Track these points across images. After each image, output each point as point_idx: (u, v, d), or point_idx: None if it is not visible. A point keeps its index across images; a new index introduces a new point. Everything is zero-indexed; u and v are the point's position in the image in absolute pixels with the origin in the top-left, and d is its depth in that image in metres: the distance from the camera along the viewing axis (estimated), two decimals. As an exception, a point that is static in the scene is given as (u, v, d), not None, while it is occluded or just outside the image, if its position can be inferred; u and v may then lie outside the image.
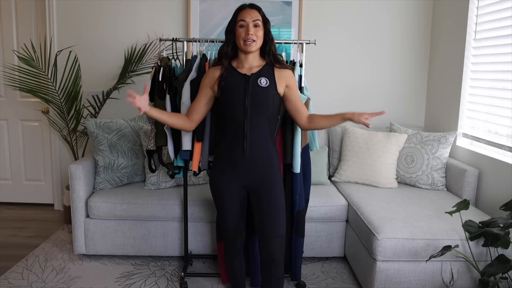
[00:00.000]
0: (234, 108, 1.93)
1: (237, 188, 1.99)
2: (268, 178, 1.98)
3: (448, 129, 3.18)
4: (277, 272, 2.01)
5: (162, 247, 2.79)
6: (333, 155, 3.33)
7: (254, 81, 1.93)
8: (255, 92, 1.91)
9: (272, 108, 1.95)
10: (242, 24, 1.92)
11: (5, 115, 3.78)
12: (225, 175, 1.99)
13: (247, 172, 1.96)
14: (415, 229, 2.25)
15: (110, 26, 3.50)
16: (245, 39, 1.90)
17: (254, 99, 1.91)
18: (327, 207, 2.75)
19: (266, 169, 1.97)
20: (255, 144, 1.94)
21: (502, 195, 2.50)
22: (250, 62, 1.98)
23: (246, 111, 1.91)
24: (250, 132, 1.92)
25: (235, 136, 1.94)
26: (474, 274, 2.25)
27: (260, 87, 1.92)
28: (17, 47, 3.64)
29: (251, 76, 1.94)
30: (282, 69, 2.00)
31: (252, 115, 1.91)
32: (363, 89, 3.58)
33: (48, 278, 2.58)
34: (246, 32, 1.90)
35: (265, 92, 1.92)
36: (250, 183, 1.98)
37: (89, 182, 2.83)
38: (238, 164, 1.95)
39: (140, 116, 3.18)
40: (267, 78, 1.94)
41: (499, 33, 2.66)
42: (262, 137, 1.95)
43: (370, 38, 3.52)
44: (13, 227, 3.38)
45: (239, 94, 1.92)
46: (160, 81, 2.38)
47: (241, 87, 1.93)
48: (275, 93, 1.95)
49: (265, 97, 1.92)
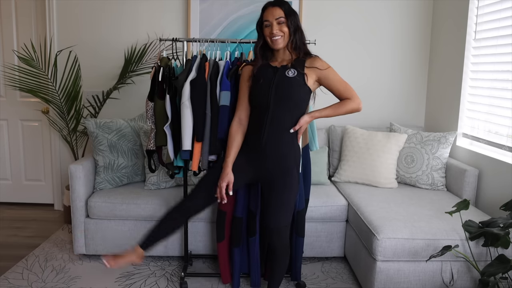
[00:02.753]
0: (258, 96, 2.00)
1: (247, 171, 2.04)
2: (281, 173, 2.01)
3: (448, 129, 3.18)
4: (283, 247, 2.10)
5: (162, 247, 2.79)
6: (333, 155, 3.33)
7: (281, 72, 2.00)
8: (281, 82, 1.97)
9: (296, 100, 1.99)
10: (266, 24, 1.99)
11: (5, 115, 3.78)
12: (242, 157, 2.05)
13: (261, 162, 2.02)
14: (415, 229, 2.25)
15: (110, 26, 3.50)
16: (271, 37, 1.99)
17: (278, 89, 1.96)
18: (327, 207, 2.75)
19: (280, 164, 2.01)
20: (273, 136, 1.98)
21: (502, 195, 2.50)
22: (281, 56, 2.07)
23: (269, 101, 1.96)
24: (270, 122, 1.97)
25: (255, 125, 2.02)
26: (474, 274, 2.25)
27: (287, 77, 1.97)
28: (17, 47, 3.64)
29: (280, 68, 2.02)
30: (312, 61, 2.04)
31: (274, 107, 1.96)
32: (363, 89, 3.58)
33: (48, 278, 2.58)
34: (270, 31, 1.98)
35: (290, 82, 1.97)
36: (262, 173, 2.04)
37: (89, 182, 2.83)
38: (254, 152, 2.02)
39: (140, 116, 3.18)
40: (295, 70, 1.99)
41: (499, 33, 2.66)
42: (282, 130, 1.99)
43: (370, 38, 3.52)
44: (13, 227, 3.38)
45: (265, 83, 1.99)
46: (160, 81, 2.38)
47: (268, 77, 2.00)
48: (302, 84, 1.98)
49: (289, 87, 1.96)
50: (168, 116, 2.32)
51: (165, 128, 2.33)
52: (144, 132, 2.94)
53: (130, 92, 3.51)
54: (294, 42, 2.02)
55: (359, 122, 3.53)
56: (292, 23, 1.98)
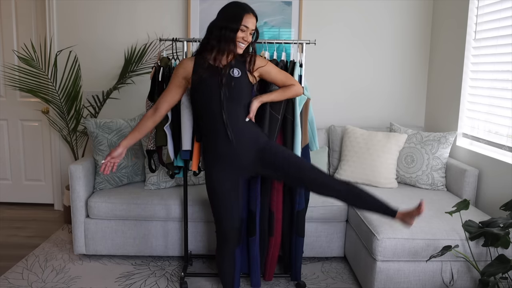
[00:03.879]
0: (210, 101, 1.97)
1: (234, 180, 2.05)
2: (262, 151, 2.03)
3: (448, 129, 3.18)
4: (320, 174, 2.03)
5: (162, 247, 2.79)
6: (333, 155, 3.33)
7: (227, 72, 1.99)
8: (229, 83, 1.97)
9: (246, 96, 2.05)
10: (243, 29, 1.97)
11: (5, 115, 3.78)
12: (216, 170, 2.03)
13: (238, 159, 2.01)
14: (415, 229, 2.24)
15: (110, 26, 3.50)
16: (240, 43, 1.98)
17: (229, 90, 1.96)
18: (327, 207, 2.75)
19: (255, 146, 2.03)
20: (237, 130, 1.98)
21: (502, 195, 2.50)
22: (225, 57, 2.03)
23: (222, 103, 1.95)
24: (229, 121, 1.96)
25: (212, 129, 2.00)
26: (474, 274, 2.25)
27: (233, 77, 1.99)
28: (17, 47, 3.64)
29: (224, 68, 1.99)
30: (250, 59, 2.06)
31: (228, 107, 1.96)
32: (364, 89, 3.58)
33: (48, 278, 2.58)
34: (243, 38, 1.97)
35: (238, 82, 1.99)
36: (245, 170, 2.06)
37: (89, 182, 2.83)
38: (226, 156, 2.01)
39: (140, 116, 3.18)
40: (239, 69, 2.01)
41: (499, 33, 2.66)
42: (241, 122, 2.01)
43: (370, 38, 3.52)
44: (13, 227, 3.38)
45: (213, 85, 1.96)
46: (160, 81, 2.38)
47: (214, 79, 1.97)
48: (248, 82, 2.04)
49: (238, 87, 2.00)
50: (168, 116, 2.32)
51: (165, 128, 2.33)
52: (144, 132, 2.94)
53: (130, 92, 3.51)
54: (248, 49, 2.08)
55: (359, 122, 3.53)
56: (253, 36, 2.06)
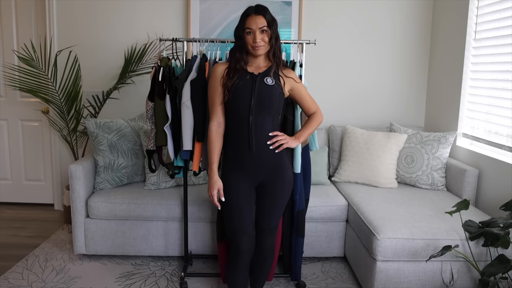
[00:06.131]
0: (239, 103, 1.95)
1: (245, 184, 2.00)
2: (274, 176, 2.01)
3: (448, 129, 3.18)
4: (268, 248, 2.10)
5: (162, 247, 2.79)
6: (333, 155, 3.33)
7: (261, 79, 1.97)
8: (261, 89, 1.95)
9: (277, 107, 2.01)
10: (248, 31, 1.95)
11: (5, 115, 3.78)
12: (234, 174, 2.00)
13: (253, 169, 1.98)
14: (415, 229, 2.25)
15: (110, 26, 3.49)
16: (253, 46, 1.95)
17: (260, 97, 1.94)
18: (327, 207, 2.75)
19: (272, 166, 2.00)
20: (260, 141, 1.96)
21: (502, 195, 2.50)
22: (258, 63, 2.03)
23: (251, 109, 1.93)
24: (255, 129, 1.94)
25: (238, 134, 1.97)
26: (474, 274, 2.25)
27: (267, 85, 1.96)
28: (17, 47, 3.64)
29: (259, 75, 1.98)
30: (287, 72, 2.07)
31: (256, 114, 1.94)
32: (364, 89, 3.58)
33: (48, 278, 2.58)
34: (253, 40, 1.94)
35: (270, 90, 1.97)
36: (256, 179, 2.01)
37: (89, 182, 2.83)
38: (243, 163, 1.97)
39: (140, 116, 3.18)
40: (272, 78, 1.99)
41: (499, 33, 2.66)
42: (266, 135, 1.98)
43: (370, 38, 3.52)
44: (13, 227, 3.38)
45: (246, 90, 1.95)
46: (160, 81, 2.38)
47: (248, 84, 1.96)
48: (281, 91, 2.01)
49: (270, 95, 1.97)
50: (168, 116, 2.32)
51: (165, 128, 2.33)
52: (144, 132, 2.94)
53: (130, 92, 3.51)
54: (273, 51, 2.00)
55: (359, 122, 3.53)
56: (274, 32, 1.97)
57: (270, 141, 1.97)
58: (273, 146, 1.98)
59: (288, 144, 2.03)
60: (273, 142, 1.98)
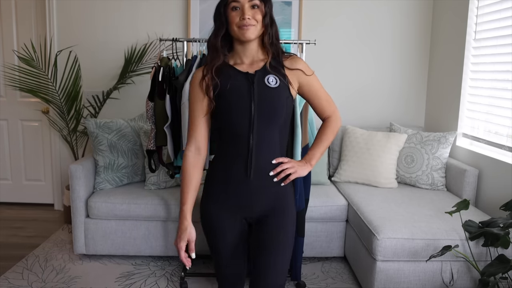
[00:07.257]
0: (232, 119, 1.45)
1: (234, 223, 1.53)
2: (273, 211, 1.52)
3: (448, 129, 3.18)
4: None
5: (162, 247, 2.79)
6: (333, 155, 3.33)
7: (260, 80, 1.46)
8: (263, 95, 1.45)
9: (286, 116, 1.50)
10: (235, 5, 1.44)
11: (5, 115, 3.78)
12: (218, 206, 1.52)
13: (247, 200, 1.49)
14: (415, 229, 2.25)
15: (110, 26, 3.49)
16: (240, 25, 1.44)
17: (261, 105, 1.44)
18: (327, 207, 2.75)
19: (273, 197, 1.51)
20: (261, 163, 1.47)
21: (502, 195, 2.50)
22: (251, 54, 1.51)
23: (252, 122, 1.43)
24: (256, 147, 1.45)
25: (232, 153, 1.47)
26: (474, 274, 2.25)
27: (269, 87, 1.46)
28: (17, 47, 3.64)
29: (256, 74, 1.47)
30: (293, 61, 1.54)
31: (260, 128, 1.44)
32: (363, 89, 3.58)
33: (48, 278, 2.58)
34: (241, 16, 1.43)
35: (275, 94, 1.46)
36: (253, 214, 1.53)
37: (89, 182, 2.83)
38: (236, 191, 1.49)
39: (140, 116, 3.18)
40: (276, 77, 1.48)
41: (499, 33, 2.66)
42: (269, 154, 1.49)
43: (370, 38, 3.52)
44: (13, 227, 3.38)
45: (241, 97, 1.44)
46: (160, 81, 2.38)
47: (243, 88, 1.45)
48: (288, 95, 1.50)
49: (275, 101, 1.46)
50: (168, 116, 2.32)
51: (165, 128, 2.33)
52: (144, 132, 2.94)
53: (130, 92, 3.51)
54: (271, 36, 1.49)
55: (359, 122, 3.53)
56: (268, 10, 1.46)
57: (273, 171, 1.48)
58: (278, 178, 1.49)
59: (297, 174, 1.52)
60: (278, 173, 1.49)
